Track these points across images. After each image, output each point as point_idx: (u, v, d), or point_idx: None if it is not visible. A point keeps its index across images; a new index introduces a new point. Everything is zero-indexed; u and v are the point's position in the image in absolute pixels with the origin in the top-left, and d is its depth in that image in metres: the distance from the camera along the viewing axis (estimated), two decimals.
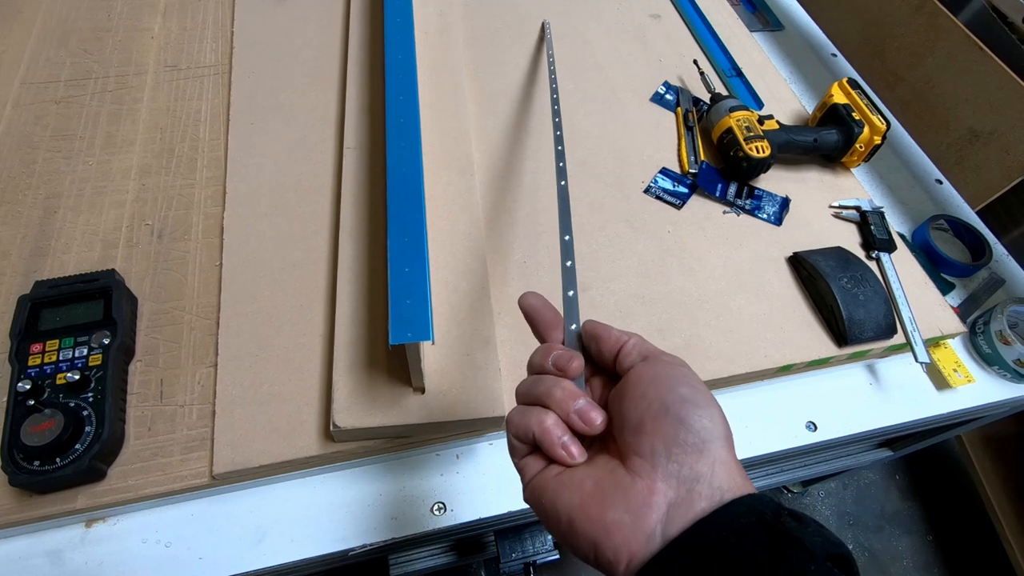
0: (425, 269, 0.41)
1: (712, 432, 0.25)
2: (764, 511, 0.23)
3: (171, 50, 0.70)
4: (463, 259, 0.53)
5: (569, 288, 0.35)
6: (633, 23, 0.81)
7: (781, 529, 0.22)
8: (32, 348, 0.45)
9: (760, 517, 0.22)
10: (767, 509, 0.23)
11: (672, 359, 0.28)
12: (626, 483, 0.25)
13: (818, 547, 0.21)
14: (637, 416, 0.26)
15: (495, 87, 0.70)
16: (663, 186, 0.64)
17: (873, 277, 0.57)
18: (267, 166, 0.60)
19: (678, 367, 0.28)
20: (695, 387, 0.26)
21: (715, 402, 0.26)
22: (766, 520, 0.22)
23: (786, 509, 0.24)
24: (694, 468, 0.24)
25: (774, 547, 0.21)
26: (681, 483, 0.24)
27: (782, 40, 0.91)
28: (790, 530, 0.22)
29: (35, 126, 0.62)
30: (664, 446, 0.25)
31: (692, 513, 0.23)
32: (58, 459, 0.40)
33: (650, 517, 0.24)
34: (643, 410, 0.26)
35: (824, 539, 0.22)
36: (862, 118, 0.65)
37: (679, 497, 0.24)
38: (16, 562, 0.43)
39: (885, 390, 0.58)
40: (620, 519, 0.24)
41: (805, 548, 0.21)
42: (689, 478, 0.24)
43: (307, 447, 0.44)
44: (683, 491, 0.24)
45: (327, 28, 0.73)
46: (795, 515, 0.23)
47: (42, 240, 0.54)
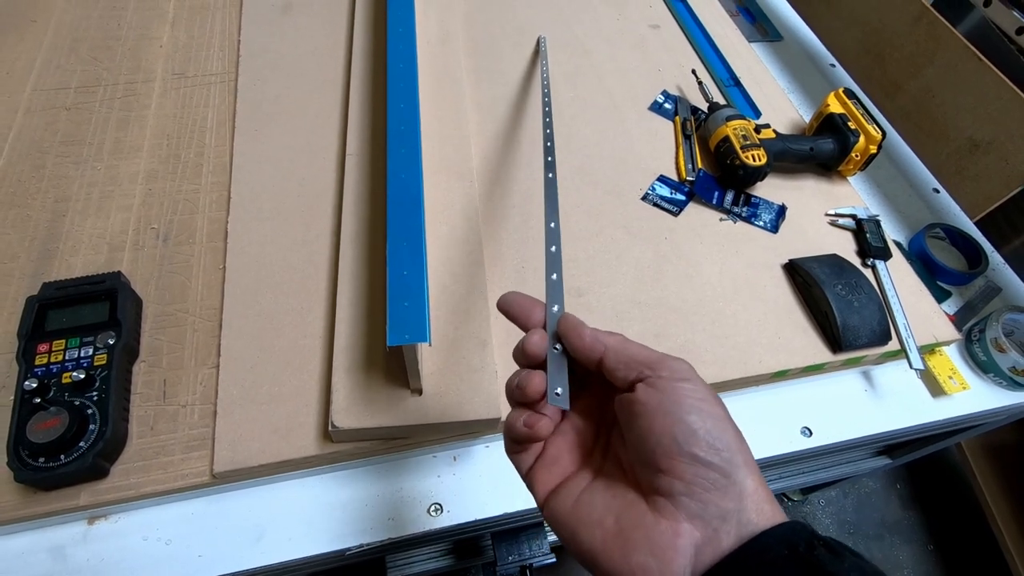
0: (423, 272, 0.42)
1: (732, 462, 0.23)
2: (797, 542, 0.22)
3: (179, 58, 0.72)
4: (461, 263, 0.53)
5: (552, 272, 0.35)
6: (633, 33, 0.83)
7: (815, 563, 0.21)
8: (39, 348, 0.46)
9: (792, 549, 0.21)
10: (800, 540, 0.22)
11: (672, 372, 0.26)
12: (648, 522, 0.24)
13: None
14: (648, 452, 0.24)
15: (495, 95, 0.71)
16: (660, 193, 0.65)
17: (868, 284, 0.58)
18: (271, 172, 0.61)
19: (679, 385, 0.25)
20: (702, 410, 0.24)
21: (726, 417, 0.25)
22: (799, 553, 0.21)
23: (821, 538, 0.22)
24: (720, 506, 0.23)
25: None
26: (707, 523, 0.23)
27: (781, 51, 0.92)
28: (824, 563, 0.21)
29: (45, 132, 0.63)
30: (684, 486, 0.23)
31: (720, 551, 0.22)
32: (62, 456, 0.41)
33: (676, 561, 0.23)
34: (653, 446, 0.24)
35: (861, 572, 0.21)
36: (858, 127, 0.65)
37: (706, 537, 0.23)
38: (19, 558, 0.43)
39: (880, 396, 0.59)
40: (646, 562, 0.23)
41: None
42: (716, 516, 0.23)
43: (306, 447, 0.45)
44: (710, 531, 0.23)
45: (331, 37, 0.74)
46: (830, 546, 0.22)
47: (50, 243, 0.55)
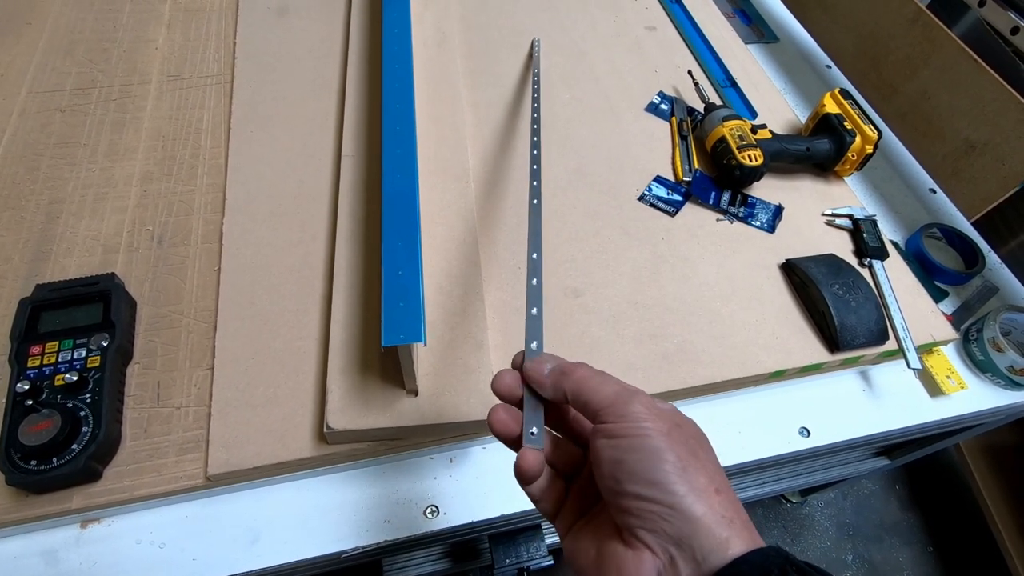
0: (418, 272, 0.42)
1: (673, 492, 0.24)
2: (770, 568, 0.22)
3: (175, 60, 0.72)
4: (458, 264, 0.53)
5: (533, 306, 0.35)
6: (629, 35, 0.83)
7: None
8: (32, 350, 0.45)
9: (764, 573, 0.22)
10: (773, 566, 0.22)
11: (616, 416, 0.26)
12: (619, 552, 0.25)
13: None
14: (605, 492, 0.26)
15: (491, 97, 0.71)
16: (657, 194, 0.65)
17: (865, 284, 0.57)
18: (266, 173, 0.61)
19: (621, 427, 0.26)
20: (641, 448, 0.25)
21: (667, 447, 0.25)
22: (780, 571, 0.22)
23: (794, 563, 0.23)
24: (670, 534, 0.24)
25: None
26: (664, 550, 0.24)
27: (777, 52, 0.93)
28: None
29: (40, 134, 0.63)
30: (636, 519, 0.25)
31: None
32: (55, 459, 0.41)
33: None
34: (606, 487, 0.26)
35: None
36: (854, 127, 0.65)
37: (665, 564, 0.24)
38: (11, 562, 0.43)
39: (878, 396, 0.59)
40: None
41: None
42: (670, 543, 0.24)
43: (301, 449, 0.45)
44: (667, 558, 0.24)
45: (327, 40, 0.74)
46: (802, 570, 0.23)
47: (44, 245, 0.55)
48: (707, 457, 0.26)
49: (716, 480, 0.25)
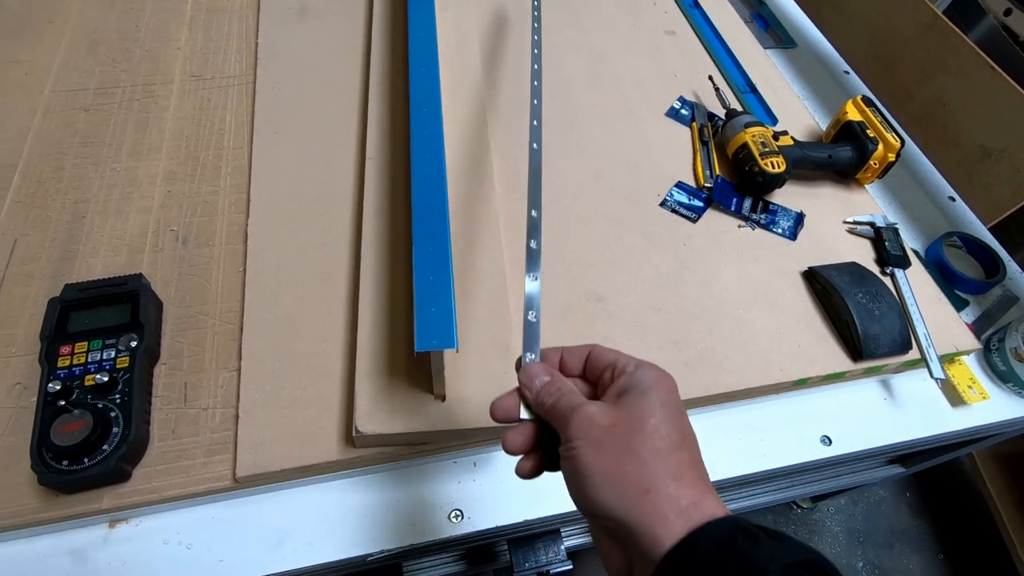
0: (450, 277, 0.42)
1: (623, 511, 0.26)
2: (722, 537, 0.24)
3: (197, 60, 0.72)
4: (483, 268, 0.53)
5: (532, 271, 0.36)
6: (649, 39, 0.83)
7: (736, 553, 0.23)
8: (61, 350, 0.46)
9: (718, 544, 0.24)
10: (724, 535, 0.24)
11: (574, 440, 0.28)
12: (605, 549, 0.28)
13: (771, 560, 0.23)
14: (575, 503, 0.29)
15: (513, 100, 0.71)
16: (679, 200, 0.65)
17: (888, 293, 0.57)
18: (290, 174, 0.61)
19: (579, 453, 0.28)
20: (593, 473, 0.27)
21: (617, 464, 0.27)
22: (723, 546, 0.24)
23: (744, 528, 0.25)
24: (616, 539, 0.27)
25: (730, 570, 0.23)
26: (625, 550, 0.27)
27: (795, 57, 0.93)
28: (743, 552, 0.23)
29: (64, 133, 0.63)
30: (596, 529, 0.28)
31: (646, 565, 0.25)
32: (86, 459, 0.41)
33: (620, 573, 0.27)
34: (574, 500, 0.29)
35: (777, 551, 0.24)
36: (876, 135, 0.65)
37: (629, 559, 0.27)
38: (40, 561, 0.43)
39: (900, 405, 0.58)
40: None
41: (757, 566, 0.23)
42: (623, 544, 0.27)
43: (328, 452, 0.45)
44: (627, 556, 0.27)
45: (348, 41, 0.74)
46: (750, 533, 0.24)
47: (70, 244, 0.55)
48: (641, 447, 0.27)
49: (646, 477, 0.26)
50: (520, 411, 0.32)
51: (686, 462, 0.27)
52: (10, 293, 0.52)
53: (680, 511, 0.25)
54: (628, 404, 0.29)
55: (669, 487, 0.26)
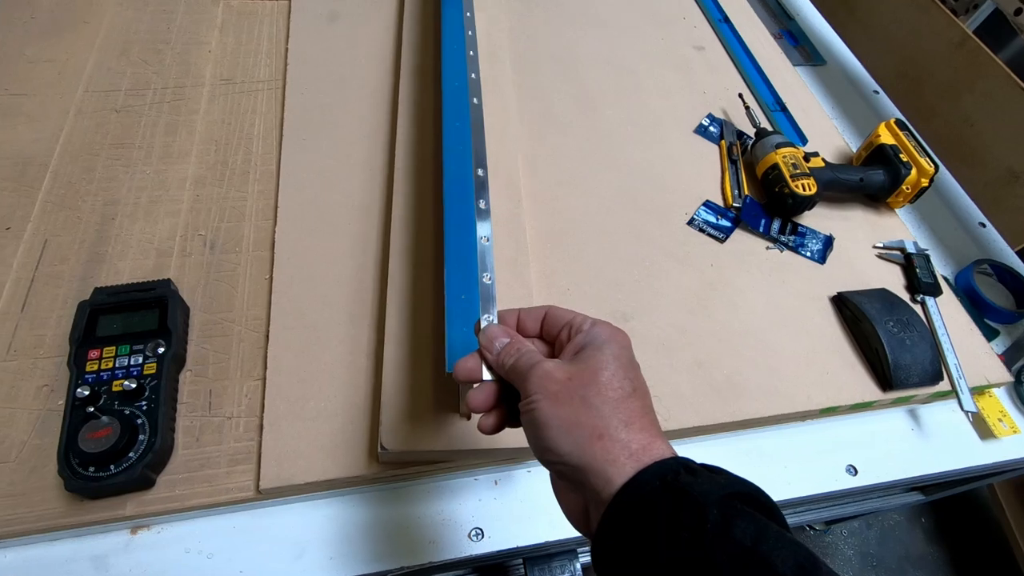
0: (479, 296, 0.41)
1: (575, 456, 0.28)
2: (666, 474, 0.27)
3: (227, 64, 0.72)
4: (509, 285, 0.53)
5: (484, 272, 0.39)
6: (677, 54, 0.82)
7: (678, 486, 0.26)
8: (90, 354, 0.46)
9: (663, 480, 0.26)
10: (668, 471, 0.27)
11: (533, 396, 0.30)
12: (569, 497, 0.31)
13: (709, 493, 0.26)
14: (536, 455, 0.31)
15: (540, 111, 0.71)
16: (706, 219, 0.64)
17: (919, 322, 0.56)
18: (318, 182, 0.61)
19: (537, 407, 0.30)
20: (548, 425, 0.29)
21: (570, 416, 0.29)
22: (667, 482, 0.26)
23: (686, 466, 0.27)
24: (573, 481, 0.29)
25: (673, 502, 0.26)
26: (581, 494, 0.30)
27: (824, 75, 0.92)
28: (685, 485, 0.26)
29: (96, 133, 0.64)
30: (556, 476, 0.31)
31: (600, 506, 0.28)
32: (112, 466, 0.41)
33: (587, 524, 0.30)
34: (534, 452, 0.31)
35: (715, 483, 0.26)
36: (910, 160, 0.64)
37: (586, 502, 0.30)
38: (61, 566, 0.43)
39: (927, 437, 0.57)
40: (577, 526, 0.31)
41: (695, 497, 0.25)
42: (579, 487, 0.29)
43: (352, 466, 0.45)
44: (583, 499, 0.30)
45: (379, 48, 0.74)
46: (691, 469, 0.27)
47: (99, 246, 0.56)
48: (595, 398, 0.29)
49: (598, 424, 0.28)
50: (483, 372, 0.34)
51: (637, 410, 0.29)
52: (40, 294, 0.52)
53: (630, 454, 0.27)
54: (583, 359, 0.31)
55: (620, 432, 0.28)
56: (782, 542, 0.24)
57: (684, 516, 0.25)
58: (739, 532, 0.24)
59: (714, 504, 0.25)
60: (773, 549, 0.24)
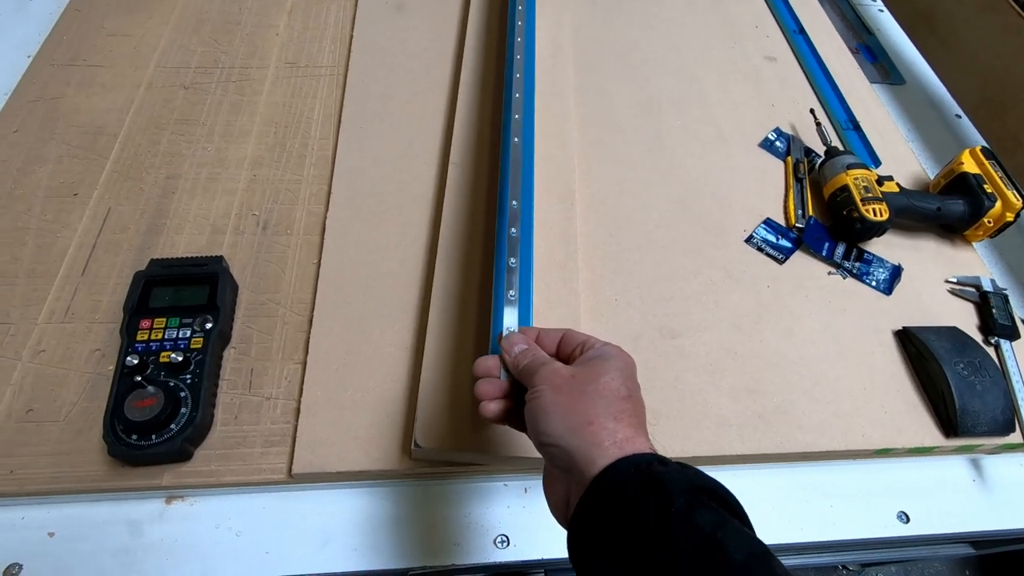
0: (530, 300, 0.40)
1: (563, 438, 0.31)
2: (641, 463, 0.29)
3: (292, 48, 0.73)
4: (556, 290, 0.52)
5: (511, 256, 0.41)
6: (747, 63, 0.79)
7: (651, 474, 0.29)
8: (142, 323, 0.47)
9: (637, 468, 0.29)
10: (643, 461, 0.29)
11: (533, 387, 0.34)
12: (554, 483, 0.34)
13: (677, 483, 0.28)
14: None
15: (601, 116, 0.69)
16: (766, 237, 0.61)
17: (992, 366, 0.53)
18: (371, 171, 0.61)
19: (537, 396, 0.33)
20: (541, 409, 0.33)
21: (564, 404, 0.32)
22: (640, 470, 0.29)
23: (659, 458, 0.30)
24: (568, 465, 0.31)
25: (644, 488, 0.28)
26: (565, 478, 0.33)
27: (902, 95, 0.87)
28: (657, 474, 0.28)
29: (163, 108, 0.65)
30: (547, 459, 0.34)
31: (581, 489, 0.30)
32: (154, 436, 0.42)
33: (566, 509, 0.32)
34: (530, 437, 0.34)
35: (683, 476, 0.29)
36: (995, 192, 0.60)
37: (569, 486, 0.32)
38: (99, 527, 0.44)
39: (990, 490, 0.53)
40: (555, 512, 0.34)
41: (664, 485, 0.28)
42: (567, 471, 0.32)
43: (384, 460, 0.44)
44: (567, 485, 0.32)
45: (441, 40, 0.74)
46: (663, 461, 0.30)
47: (158, 218, 0.57)
48: (592, 394, 0.32)
49: (591, 414, 0.31)
50: (500, 372, 0.38)
51: (627, 411, 0.32)
52: (100, 260, 0.54)
53: (615, 442, 0.30)
54: (589, 364, 0.34)
55: (609, 423, 0.31)
56: (739, 533, 0.27)
57: (652, 500, 0.28)
58: (700, 519, 0.27)
59: (680, 493, 0.28)
60: (729, 537, 0.26)
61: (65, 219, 0.56)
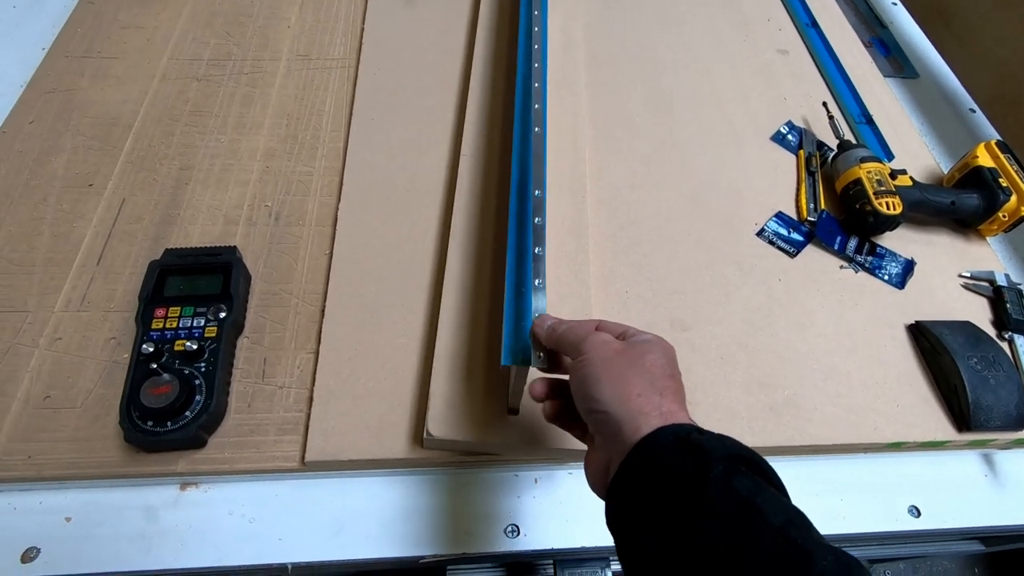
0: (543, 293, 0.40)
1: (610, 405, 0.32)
2: (680, 432, 0.31)
3: (304, 40, 0.73)
4: (567, 282, 0.52)
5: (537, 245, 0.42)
6: (759, 57, 0.78)
7: (690, 441, 0.30)
8: (156, 312, 0.47)
9: (676, 436, 0.30)
10: (683, 431, 0.31)
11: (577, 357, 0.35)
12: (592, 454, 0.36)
13: (716, 450, 0.29)
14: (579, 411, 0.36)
15: (613, 110, 0.69)
16: (777, 231, 0.61)
17: (1006, 361, 0.52)
18: (383, 163, 0.61)
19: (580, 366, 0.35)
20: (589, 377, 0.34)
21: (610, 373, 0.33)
22: (680, 438, 0.30)
23: (697, 429, 0.31)
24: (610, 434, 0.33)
25: (683, 453, 0.29)
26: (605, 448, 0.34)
27: (916, 89, 0.86)
28: (695, 440, 0.30)
29: (177, 100, 0.66)
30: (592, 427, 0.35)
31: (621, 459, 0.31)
32: (169, 423, 0.42)
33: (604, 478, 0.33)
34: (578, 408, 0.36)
35: (722, 444, 0.30)
36: (1010, 185, 0.60)
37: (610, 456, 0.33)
38: (115, 512, 0.45)
39: (1002, 485, 0.53)
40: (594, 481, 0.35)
41: (704, 451, 0.29)
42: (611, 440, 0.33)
43: (396, 449, 0.45)
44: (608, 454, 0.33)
45: (452, 33, 0.74)
46: (700, 430, 0.31)
47: (172, 209, 0.57)
48: (639, 370, 0.34)
49: (639, 386, 0.33)
50: (532, 357, 0.38)
51: (671, 388, 0.34)
52: (115, 250, 0.54)
53: (660, 413, 0.32)
54: (635, 345, 0.36)
55: (655, 396, 0.33)
56: (776, 499, 0.28)
57: (691, 465, 0.29)
58: (738, 485, 0.28)
59: (719, 460, 0.28)
60: (767, 502, 0.27)
61: (81, 209, 0.57)
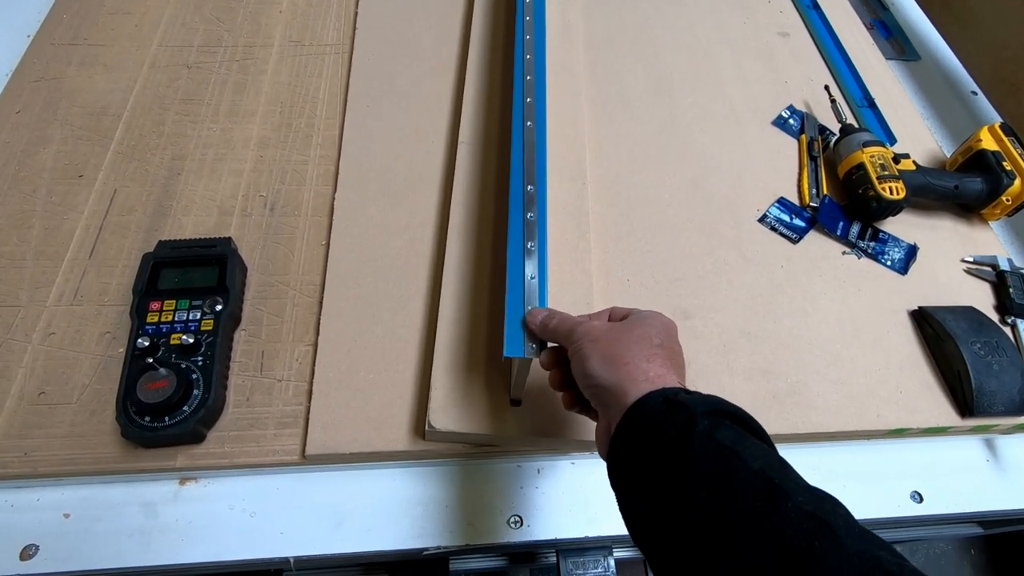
0: (545, 284, 0.40)
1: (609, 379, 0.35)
2: (669, 393, 0.33)
3: (297, 25, 0.72)
4: (569, 271, 0.51)
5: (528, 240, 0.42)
6: (760, 39, 0.77)
7: (677, 399, 0.32)
8: (151, 305, 0.46)
9: (666, 397, 0.32)
10: (671, 392, 0.33)
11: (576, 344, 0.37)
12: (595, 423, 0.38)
13: (698, 405, 0.31)
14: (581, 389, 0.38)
15: (610, 93, 0.68)
16: (779, 217, 0.60)
17: (1010, 346, 0.52)
18: (379, 151, 0.60)
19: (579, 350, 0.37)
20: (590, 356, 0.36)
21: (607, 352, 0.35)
22: (668, 398, 0.32)
23: (684, 389, 0.34)
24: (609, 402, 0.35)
25: (671, 412, 0.32)
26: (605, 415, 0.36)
27: (917, 71, 0.85)
28: (682, 400, 0.32)
29: (167, 88, 0.64)
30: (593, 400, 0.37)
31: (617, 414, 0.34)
32: (166, 418, 0.42)
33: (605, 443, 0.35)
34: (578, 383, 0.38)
35: (705, 400, 0.32)
36: (1014, 169, 0.59)
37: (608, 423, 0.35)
38: (114, 508, 0.44)
39: (1004, 470, 0.53)
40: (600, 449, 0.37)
41: (689, 408, 0.31)
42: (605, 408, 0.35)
43: (397, 441, 0.44)
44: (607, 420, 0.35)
45: (448, 19, 0.72)
46: (687, 391, 0.33)
47: (165, 200, 0.56)
48: (628, 341, 0.36)
49: (627, 356, 0.35)
50: (524, 347, 0.40)
51: (659, 355, 0.36)
52: (107, 243, 0.53)
53: (647, 379, 0.34)
54: (627, 321, 0.38)
55: (642, 363, 0.35)
56: (758, 448, 0.30)
57: (677, 421, 0.31)
58: (721, 436, 0.30)
59: (703, 416, 0.31)
60: (747, 449, 0.29)
61: (71, 201, 0.56)
